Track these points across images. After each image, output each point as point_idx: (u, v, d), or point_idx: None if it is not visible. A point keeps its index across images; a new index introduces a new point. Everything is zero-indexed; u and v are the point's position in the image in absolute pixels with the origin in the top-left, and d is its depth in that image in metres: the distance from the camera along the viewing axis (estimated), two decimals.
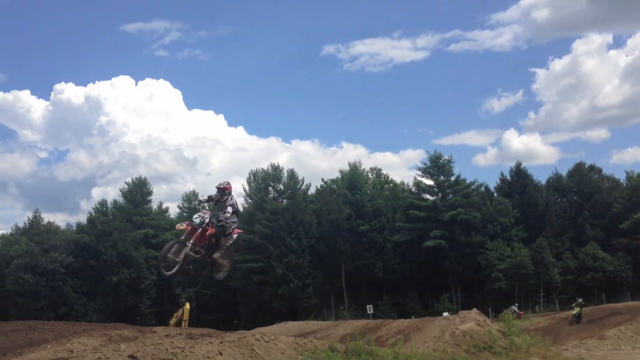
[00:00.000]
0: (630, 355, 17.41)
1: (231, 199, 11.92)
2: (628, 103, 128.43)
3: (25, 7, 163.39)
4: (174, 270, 11.13)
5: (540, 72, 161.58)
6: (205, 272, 74.31)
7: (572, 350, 20.26)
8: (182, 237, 11.08)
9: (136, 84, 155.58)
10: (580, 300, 38.02)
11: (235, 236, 12.14)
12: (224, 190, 11.59)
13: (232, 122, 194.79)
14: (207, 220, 11.13)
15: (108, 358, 5.96)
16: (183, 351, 6.91)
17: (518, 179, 75.11)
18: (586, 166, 79.05)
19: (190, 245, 10.92)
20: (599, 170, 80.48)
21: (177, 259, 10.90)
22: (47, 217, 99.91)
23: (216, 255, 11.93)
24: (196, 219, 10.99)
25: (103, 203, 79.62)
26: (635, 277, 65.49)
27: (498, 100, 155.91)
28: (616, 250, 67.77)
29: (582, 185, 75.11)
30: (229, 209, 11.61)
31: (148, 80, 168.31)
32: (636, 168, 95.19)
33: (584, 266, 66.42)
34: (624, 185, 75.54)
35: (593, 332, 31.82)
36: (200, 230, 10.97)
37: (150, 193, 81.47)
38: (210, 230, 11.14)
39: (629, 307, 41.49)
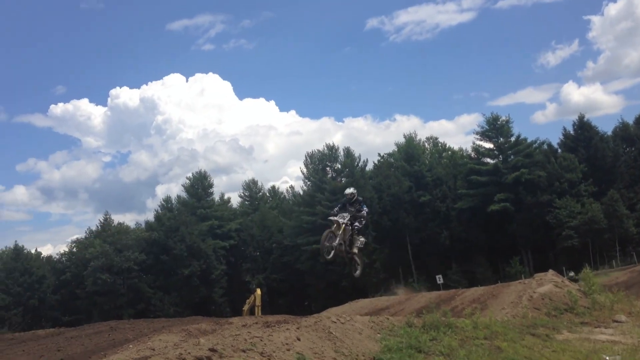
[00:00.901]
0: None
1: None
2: None
3: (73, 19, 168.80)
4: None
5: (595, 19, 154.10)
6: (272, 258, 75.78)
7: None
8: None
9: (187, 80, 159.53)
10: None
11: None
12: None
13: (284, 107, 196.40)
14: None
15: (189, 353, 5.99)
16: (261, 340, 6.90)
17: (582, 132, 71.98)
18: None
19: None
20: None
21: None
22: (116, 219, 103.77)
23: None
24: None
25: (167, 200, 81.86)
26: None
27: (553, 54, 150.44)
28: None
29: None
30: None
31: (198, 75, 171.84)
32: None
33: None
34: None
35: None
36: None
37: (211, 185, 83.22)
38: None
39: None
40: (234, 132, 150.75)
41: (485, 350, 9.21)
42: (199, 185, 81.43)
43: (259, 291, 39.55)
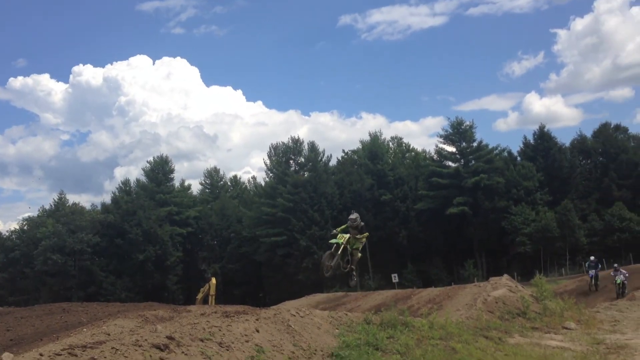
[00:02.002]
0: None
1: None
2: None
3: None
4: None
5: (562, 33, 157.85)
6: (229, 248, 75.23)
7: (604, 313, 19.98)
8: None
9: (153, 63, 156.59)
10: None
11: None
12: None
13: (251, 97, 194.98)
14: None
15: (146, 340, 5.84)
16: (220, 330, 6.79)
17: (542, 142, 73.76)
18: (611, 126, 77.34)
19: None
20: (625, 130, 78.61)
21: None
22: (72, 199, 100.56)
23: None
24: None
25: (126, 182, 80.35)
26: None
27: (518, 63, 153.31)
28: None
29: (608, 145, 73.56)
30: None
31: (165, 58, 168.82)
32: None
33: (611, 227, 65.38)
34: None
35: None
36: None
37: (172, 171, 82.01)
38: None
39: None
40: (199, 118, 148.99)
41: (441, 351, 9.31)
42: (160, 170, 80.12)
43: (214, 280, 39.02)
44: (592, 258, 33.58)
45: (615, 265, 30.92)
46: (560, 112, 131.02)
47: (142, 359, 5.50)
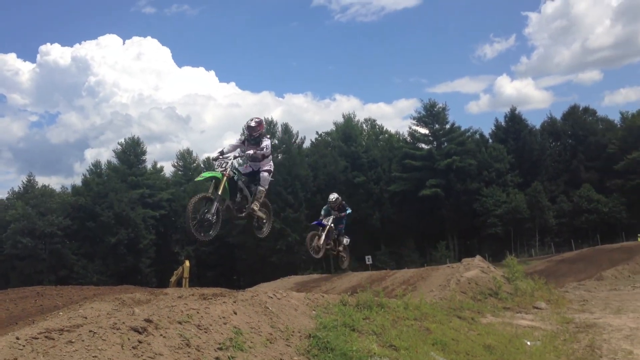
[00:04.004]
0: (632, 295, 17.59)
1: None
2: (620, 44, 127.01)
3: None
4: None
5: (533, 16, 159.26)
6: None
7: (572, 292, 20.51)
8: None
9: (123, 43, 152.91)
10: None
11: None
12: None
13: (224, 78, 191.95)
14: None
15: (124, 323, 5.81)
16: (198, 312, 6.79)
17: (513, 125, 74.88)
18: (580, 109, 78.74)
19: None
20: (594, 112, 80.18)
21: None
22: (41, 181, 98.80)
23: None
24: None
25: (97, 164, 79.03)
26: (630, 218, 66.11)
27: (490, 46, 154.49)
28: (611, 191, 68.18)
29: (577, 128, 75.05)
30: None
31: (135, 38, 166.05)
32: (629, 108, 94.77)
33: (579, 209, 66.98)
34: (619, 126, 75.40)
35: (590, 272, 32.24)
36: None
37: (144, 153, 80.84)
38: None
39: (624, 247, 42.02)
40: (171, 99, 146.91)
41: (415, 331, 9.46)
42: (131, 151, 78.93)
43: (187, 263, 38.65)
44: None
45: None
46: (530, 95, 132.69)
47: (120, 342, 5.48)
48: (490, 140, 75.90)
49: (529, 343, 9.94)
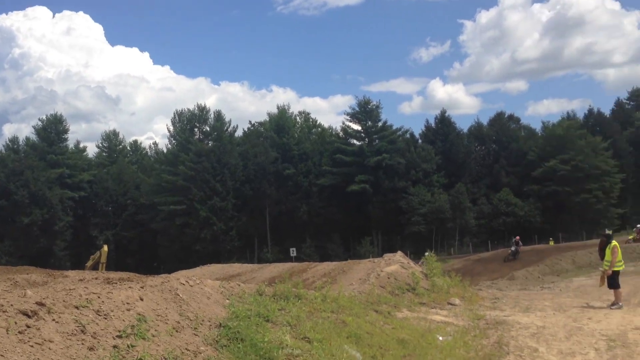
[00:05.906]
0: (540, 295, 18.35)
1: None
2: (546, 57, 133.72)
3: None
4: None
5: (468, 24, 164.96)
6: (125, 214, 72.42)
7: (486, 290, 21.12)
8: None
9: (53, 16, 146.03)
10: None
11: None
12: None
13: (158, 61, 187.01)
14: None
15: (12, 305, 5.30)
16: (99, 297, 6.31)
17: (442, 127, 76.90)
18: (505, 116, 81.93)
19: None
20: (518, 120, 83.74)
21: None
22: None
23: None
24: None
25: (14, 140, 75.15)
26: (543, 222, 69.49)
27: (426, 50, 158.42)
28: (527, 196, 71.35)
29: (501, 134, 78.04)
30: None
31: (66, 12, 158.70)
32: (551, 119, 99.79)
33: (497, 211, 69.73)
34: (539, 134, 79.03)
35: (503, 272, 33.66)
36: None
37: (66, 131, 77.38)
38: None
39: (536, 250, 44.19)
40: (101, 78, 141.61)
41: (331, 323, 9.34)
42: (53, 129, 75.30)
43: (105, 248, 37.45)
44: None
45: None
46: (461, 100, 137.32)
47: (5, 325, 4.97)
48: (419, 141, 77.65)
49: (440, 338, 10.05)
